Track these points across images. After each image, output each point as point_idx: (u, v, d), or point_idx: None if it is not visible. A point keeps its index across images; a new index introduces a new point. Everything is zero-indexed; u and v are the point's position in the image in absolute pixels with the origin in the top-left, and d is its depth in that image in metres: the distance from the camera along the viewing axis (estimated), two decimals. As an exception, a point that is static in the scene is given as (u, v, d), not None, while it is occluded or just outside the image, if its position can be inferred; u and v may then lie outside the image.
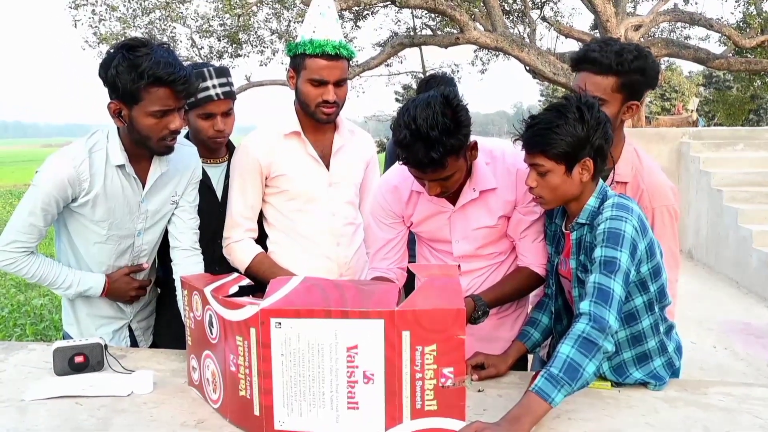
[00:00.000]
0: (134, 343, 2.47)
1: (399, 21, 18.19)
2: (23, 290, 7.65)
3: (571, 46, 16.97)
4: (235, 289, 1.78)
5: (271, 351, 1.58)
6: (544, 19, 16.56)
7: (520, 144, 1.92)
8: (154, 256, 2.46)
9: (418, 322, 1.51)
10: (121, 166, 2.17)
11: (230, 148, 2.63)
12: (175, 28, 15.23)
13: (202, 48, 15.83)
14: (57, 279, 2.24)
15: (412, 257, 2.51)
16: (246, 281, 1.88)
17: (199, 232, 2.42)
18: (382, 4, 14.28)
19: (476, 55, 19.68)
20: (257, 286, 2.17)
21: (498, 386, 1.97)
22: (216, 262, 2.49)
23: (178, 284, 2.30)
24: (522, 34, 15.25)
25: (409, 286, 2.38)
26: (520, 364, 2.21)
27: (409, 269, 2.38)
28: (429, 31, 16.97)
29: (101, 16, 14.06)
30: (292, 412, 1.60)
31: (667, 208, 2.13)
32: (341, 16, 15.05)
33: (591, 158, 1.84)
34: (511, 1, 15.94)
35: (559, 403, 1.60)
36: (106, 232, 2.23)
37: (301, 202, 2.47)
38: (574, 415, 1.74)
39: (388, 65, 17.90)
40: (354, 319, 1.54)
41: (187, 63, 2.15)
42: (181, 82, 2.01)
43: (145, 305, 2.51)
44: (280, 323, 1.56)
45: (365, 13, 16.05)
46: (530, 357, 2.42)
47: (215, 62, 13.51)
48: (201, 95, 2.35)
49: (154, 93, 2.00)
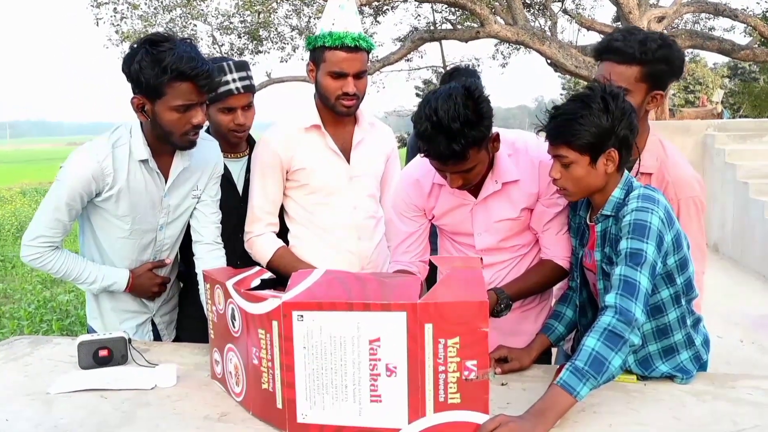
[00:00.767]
0: (157, 337, 2.49)
1: (419, 16, 18.16)
2: (49, 286, 7.75)
3: (593, 39, 16.80)
4: (256, 283, 1.78)
5: (293, 344, 1.57)
6: (565, 12, 16.41)
7: (543, 135, 1.90)
8: (177, 251, 2.48)
9: (441, 315, 1.50)
10: (144, 161, 2.18)
11: (251, 142, 2.64)
12: (195, 25, 15.31)
13: (223, 45, 15.90)
14: (82, 274, 2.26)
15: (434, 251, 2.50)
16: (268, 275, 1.88)
17: (221, 226, 2.42)
18: (401, -1, 14.26)
19: (497, 49, 19.58)
20: (279, 280, 2.17)
21: (522, 380, 1.96)
22: (237, 256, 2.49)
23: (200, 278, 2.31)
24: (543, 27, 15.13)
25: (430, 280, 2.37)
26: (543, 358, 2.19)
27: (431, 262, 2.37)
28: (449, 26, 16.91)
29: (123, 14, 14.17)
30: (314, 405, 1.59)
31: (693, 200, 2.09)
32: (361, 12, 15.03)
33: (616, 149, 1.81)
34: (531, -6, 15.83)
35: (585, 397, 1.58)
36: (130, 227, 2.24)
37: (322, 196, 2.47)
38: (599, 409, 1.72)
39: (408, 60, 17.86)
40: (376, 311, 1.53)
41: (207, 58, 2.16)
42: (204, 77, 2.01)
43: (167, 299, 2.53)
44: (302, 316, 1.55)
45: (385, 8, 16.01)
46: (554, 350, 2.40)
47: (235, 58, 13.58)
48: (221, 89, 2.35)
49: (177, 87, 2.01)
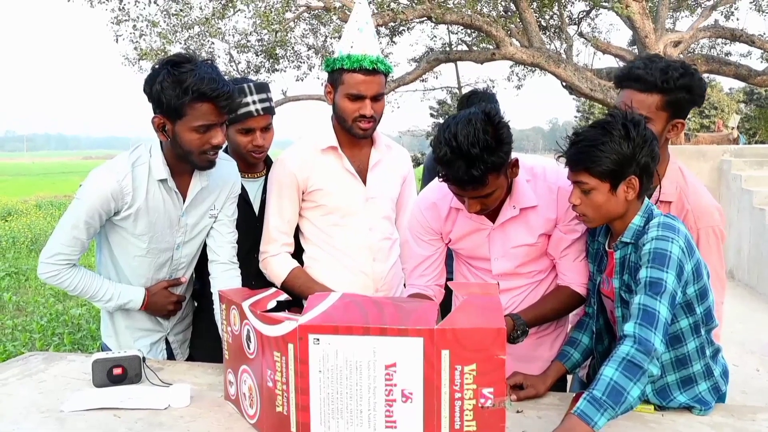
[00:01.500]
0: (171, 356, 2.49)
1: (435, 36, 18.22)
2: (62, 300, 7.78)
3: (609, 63, 16.77)
4: (273, 304, 1.78)
5: (308, 367, 1.56)
6: (581, 35, 16.44)
7: (563, 161, 1.89)
8: (192, 270, 2.48)
9: (458, 341, 1.49)
10: (164, 181, 2.19)
11: (268, 162, 2.65)
12: (213, 43, 15.44)
13: (240, 63, 16.02)
14: (98, 292, 2.26)
15: (450, 274, 2.48)
16: (284, 296, 1.88)
17: (237, 246, 2.42)
18: (418, 20, 14.32)
19: (512, 71, 19.59)
20: (294, 301, 2.17)
21: (537, 407, 1.94)
22: (252, 277, 2.49)
23: (215, 298, 2.31)
24: (559, 50, 15.13)
25: (445, 305, 2.35)
26: (558, 385, 2.17)
27: (446, 287, 2.36)
28: (465, 47, 16.97)
29: (142, 31, 14.32)
30: (329, 430, 1.58)
31: (713, 229, 2.07)
32: (378, 32, 15.12)
33: (636, 176, 1.80)
34: (547, 17, 15.85)
35: (602, 428, 1.56)
36: (147, 246, 2.25)
37: (338, 217, 2.47)
38: (617, 440, 1.70)
39: (423, 80, 17.93)
40: (393, 336, 1.52)
41: (227, 78, 2.17)
42: (225, 98, 2.03)
43: (182, 318, 2.53)
44: (319, 339, 1.55)
45: (401, 28, 16.09)
46: (569, 378, 2.37)
47: (252, 77, 13.68)
48: (241, 111, 2.37)
49: (198, 108, 2.02)
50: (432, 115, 35.19)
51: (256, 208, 2.58)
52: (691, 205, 2.08)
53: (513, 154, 2.01)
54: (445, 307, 2.12)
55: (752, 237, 8.21)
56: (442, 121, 1.99)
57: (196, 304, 2.61)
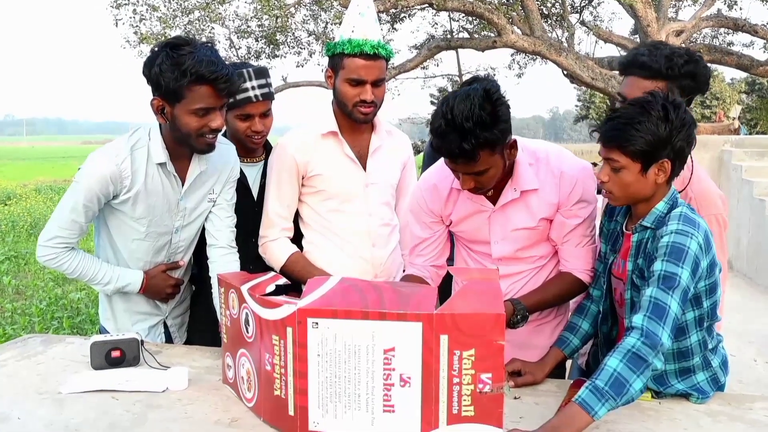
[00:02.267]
0: (169, 339, 2.49)
1: (436, 24, 18.12)
2: (61, 284, 7.79)
3: (610, 51, 16.70)
4: (271, 288, 1.78)
5: (307, 351, 1.56)
6: (582, 24, 16.35)
7: (567, 147, 1.88)
8: (191, 254, 2.48)
9: (457, 326, 1.49)
10: (162, 164, 2.18)
11: (267, 147, 2.64)
12: (213, 28, 15.36)
13: (240, 48, 15.94)
14: (96, 275, 2.26)
15: (450, 260, 2.48)
16: (282, 280, 1.88)
17: (235, 230, 2.42)
18: (419, 7, 14.23)
19: (513, 59, 19.50)
20: (293, 286, 2.17)
21: (535, 394, 1.94)
22: (251, 261, 2.49)
23: (214, 282, 2.31)
24: (560, 39, 15.06)
25: (446, 291, 2.35)
26: (556, 372, 2.17)
27: (448, 273, 2.36)
28: (466, 34, 16.88)
29: (142, 15, 14.24)
30: (327, 414, 1.58)
31: (716, 217, 2.06)
32: (378, 19, 15.03)
33: (670, 160, 1.77)
34: (549, 5, 15.75)
35: (602, 417, 1.56)
36: (145, 229, 2.24)
37: (338, 203, 2.46)
38: (614, 427, 1.70)
39: (424, 68, 17.86)
40: (392, 321, 1.52)
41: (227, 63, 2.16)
42: (224, 81, 2.01)
43: (180, 302, 2.53)
44: (317, 323, 1.55)
45: (402, 15, 16.01)
46: (568, 363, 2.37)
47: (252, 62, 13.61)
48: (240, 96, 2.35)
49: (197, 91, 2.01)
50: (432, 103, 35.09)
51: (255, 193, 2.58)
52: (695, 193, 2.07)
53: (515, 137, 1.99)
54: (446, 293, 2.12)
55: (752, 228, 8.21)
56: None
57: (195, 288, 2.61)
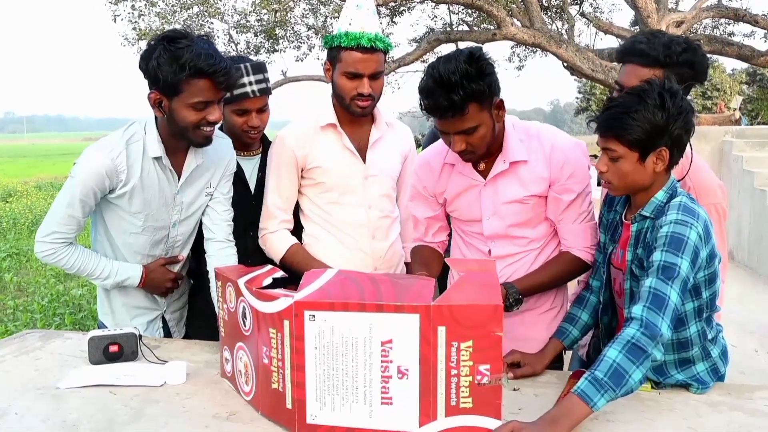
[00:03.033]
0: (167, 334, 2.49)
1: (435, 17, 18.07)
2: (62, 280, 7.79)
3: (610, 43, 16.64)
4: (268, 281, 1.77)
5: (304, 344, 1.56)
6: (582, 15, 16.29)
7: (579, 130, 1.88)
8: (189, 249, 2.47)
9: (455, 318, 1.48)
10: (158, 158, 2.17)
11: (264, 141, 2.63)
12: (212, 23, 15.33)
13: (239, 43, 15.92)
14: (95, 270, 2.25)
15: (446, 252, 2.48)
16: (280, 273, 1.87)
17: (233, 224, 2.41)
18: (419, 0, 14.20)
19: (513, 52, 19.45)
20: (291, 279, 2.16)
21: (534, 385, 1.93)
22: (248, 255, 2.49)
23: (212, 276, 2.30)
24: (560, 30, 15.02)
25: (441, 283, 2.35)
26: (555, 364, 2.17)
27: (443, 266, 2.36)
28: (465, 27, 16.83)
29: (140, 11, 14.23)
30: (324, 406, 1.58)
31: (715, 207, 2.05)
32: (378, 12, 14.97)
33: (667, 148, 1.76)
34: (549, -3, 15.73)
35: (601, 408, 1.55)
36: (142, 224, 2.24)
37: (337, 195, 2.46)
38: (613, 417, 1.69)
39: (423, 61, 17.78)
40: (389, 313, 1.51)
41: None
42: (222, 74, 2.00)
43: (178, 296, 2.53)
44: (314, 316, 1.54)
45: (401, 8, 15.97)
46: (568, 354, 2.37)
47: (252, 57, 13.58)
48: (237, 91, 2.34)
49: (195, 85, 2.00)
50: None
51: (252, 187, 2.57)
52: (693, 183, 2.06)
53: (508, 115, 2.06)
54: (441, 285, 2.12)
55: (753, 218, 8.20)
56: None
57: (193, 283, 2.60)
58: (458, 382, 1.51)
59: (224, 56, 2.06)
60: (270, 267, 1.90)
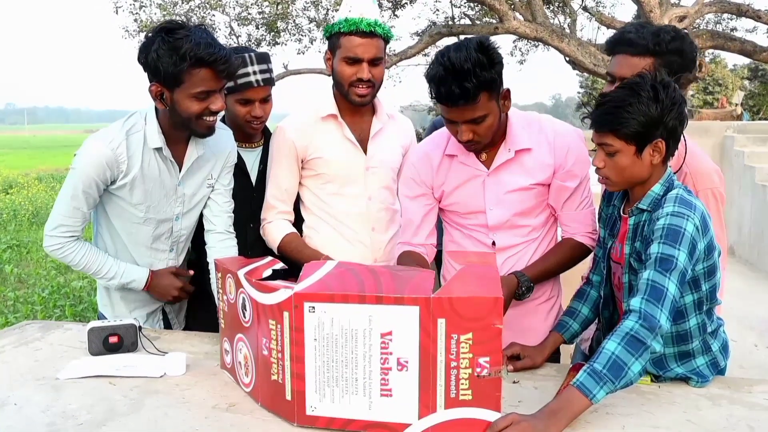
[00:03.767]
0: (167, 326, 2.49)
1: (437, 10, 18.03)
2: (63, 272, 7.80)
3: (613, 37, 16.56)
4: (268, 273, 1.77)
5: (304, 335, 1.56)
6: (585, 9, 16.27)
7: (586, 124, 1.88)
8: (189, 245, 2.47)
9: (455, 310, 1.48)
10: (159, 149, 2.17)
11: (266, 133, 2.63)
12: (214, 15, 15.32)
13: (240, 36, 15.90)
14: (101, 268, 2.25)
15: (436, 257, 2.46)
16: (280, 265, 1.87)
17: (233, 215, 2.41)
18: (420, -7, 14.17)
19: (515, 46, 19.42)
20: (291, 271, 2.16)
21: (534, 378, 1.93)
22: (249, 247, 2.49)
23: (212, 267, 2.30)
24: (562, 25, 15.01)
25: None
26: (555, 357, 2.17)
27: (435, 259, 2.36)
28: (468, 21, 16.79)
29: (142, 2, 14.22)
30: (324, 398, 1.58)
31: (711, 192, 2.05)
32: (380, 5, 14.97)
33: (663, 140, 1.76)
34: (551, -9, 15.69)
35: (600, 401, 1.55)
36: (143, 215, 2.23)
37: (337, 186, 2.45)
38: (613, 410, 1.69)
39: (425, 55, 17.77)
40: (389, 305, 1.50)
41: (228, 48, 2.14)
42: (222, 62, 2.00)
43: (179, 288, 2.52)
44: (314, 307, 1.54)
45: (404, 2, 15.94)
46: (570, 348, 2.37)
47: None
48: (240, 81, 2.34)
49: (196, 74, 1.99)
50: (434, 90, 34.86)
51: (254, 178, 2.57)
52: (690, 168, 2.05)
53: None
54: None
55: (754, 213, 8.18)
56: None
57: (192, 274, 2.60)
58: (458, 375, 1.50)
59: (224, 45, 2.06)
60: (270, 258, 1.90)
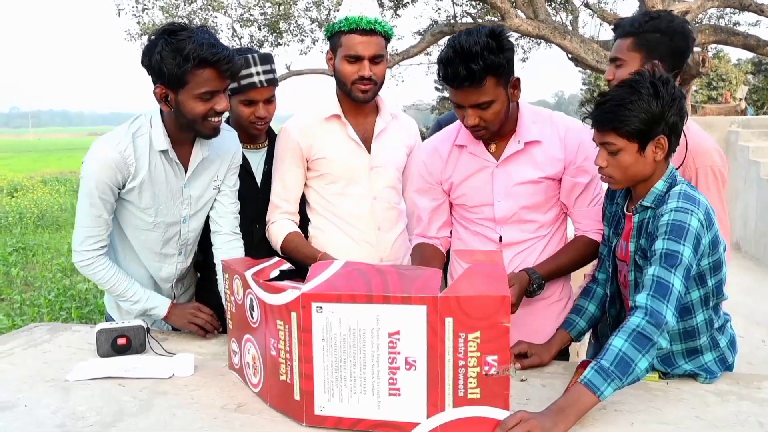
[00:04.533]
0: (175, 327, 2.48)
1: (439, 9, 18.01)
2: (69, 275, 7.82)
3: (615, 34, 16.52)
4: (276, 273, 1.77)
5: (312, 336, 1.56)
6: (587, 6, 16.22)
7: (588, 122, 1.89)
8: (196, 248, 2.47)
9: (462, 309, 1.48)
10: (164, 152, 2.17)
11: (270, 134, 2.63)
12: (216, 17, 15.32)
13: (242, 37, 15.90)
14: (127, 291, 2.24)
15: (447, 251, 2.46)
16: (286, 265, 1.87)
17: (239, 216, 2.41)
18: (422, -8, 14.17)
19: (517, 43, 19.35)
20: (298, 271, 2.17)
21: (541, 376, 1.93)
22: (255, 247, 2.49)
23: (219, 268, 2.31)
24: (564, 22, 14.97)
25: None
26: (563, 354, 2.16)
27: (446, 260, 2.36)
28: (470, 19, 16.77)
29: (144, 5, 14.23)
30: (332, 398, 1.58)
31: (711, 169, 2.05)
32: (381, 5, 14.97)
33: (665, 136, 1.76)
34: (553, -12, 15.66)
35: (608, 397, 1.55)
36: (153, 219, 2.23)
37: (342, 186, 2.46)
38: (621, 407, 1.69)
39: (428, 54, 17.75)
40: (396, 304, 1.51)
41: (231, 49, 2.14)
42: (226, 62, 2.00)
43: (185, 289, 2.53)
44: (321, 308, 1.54)
45: (405, 1, 15.93)
46: (581, 345, 2.37)
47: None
48: (244, 82, 2.34)
49: (200, 75, 1.99)
50: (437, 89, 34.95)
51: (259, 179, 2.57)
52: (690, 146, 2.05)
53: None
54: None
55: (759, 208, 8.16)
56: (447, 94, 2.05)
57: (200, 276, 2.61)
58: (466, 373, 1.51)
59: (226, 45, 2.06)
60: (277, 259, 1.91)
